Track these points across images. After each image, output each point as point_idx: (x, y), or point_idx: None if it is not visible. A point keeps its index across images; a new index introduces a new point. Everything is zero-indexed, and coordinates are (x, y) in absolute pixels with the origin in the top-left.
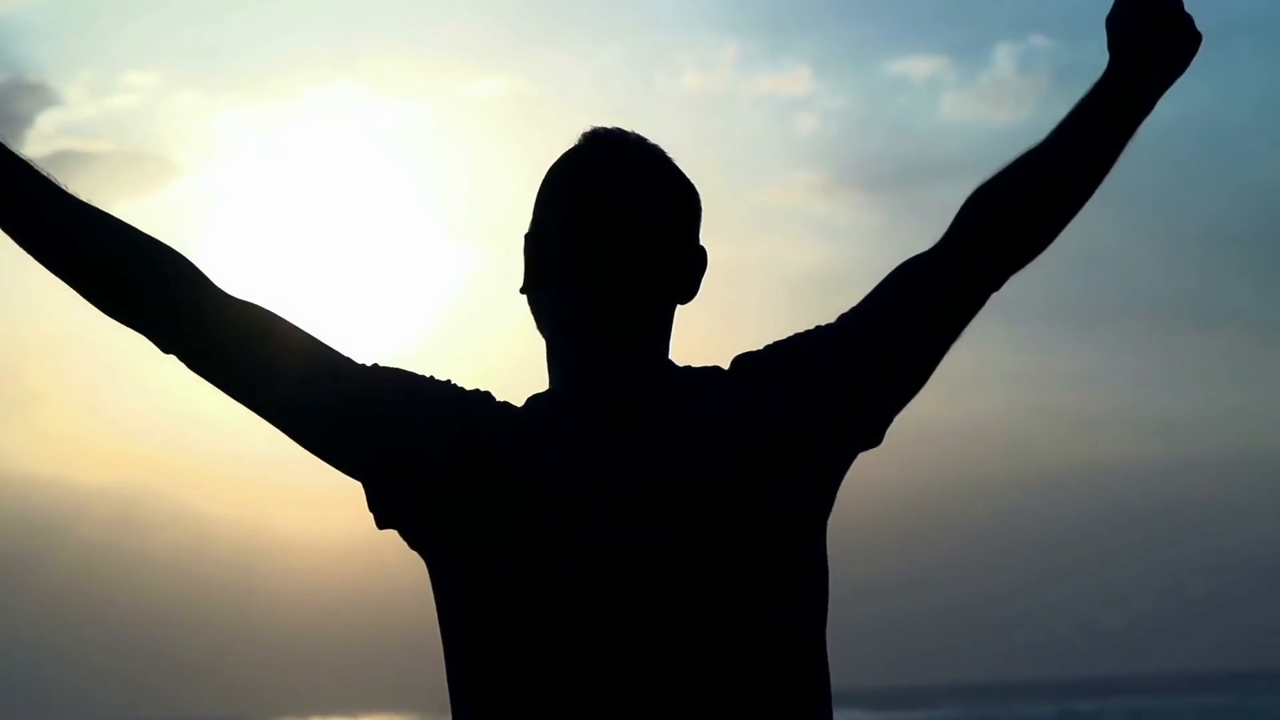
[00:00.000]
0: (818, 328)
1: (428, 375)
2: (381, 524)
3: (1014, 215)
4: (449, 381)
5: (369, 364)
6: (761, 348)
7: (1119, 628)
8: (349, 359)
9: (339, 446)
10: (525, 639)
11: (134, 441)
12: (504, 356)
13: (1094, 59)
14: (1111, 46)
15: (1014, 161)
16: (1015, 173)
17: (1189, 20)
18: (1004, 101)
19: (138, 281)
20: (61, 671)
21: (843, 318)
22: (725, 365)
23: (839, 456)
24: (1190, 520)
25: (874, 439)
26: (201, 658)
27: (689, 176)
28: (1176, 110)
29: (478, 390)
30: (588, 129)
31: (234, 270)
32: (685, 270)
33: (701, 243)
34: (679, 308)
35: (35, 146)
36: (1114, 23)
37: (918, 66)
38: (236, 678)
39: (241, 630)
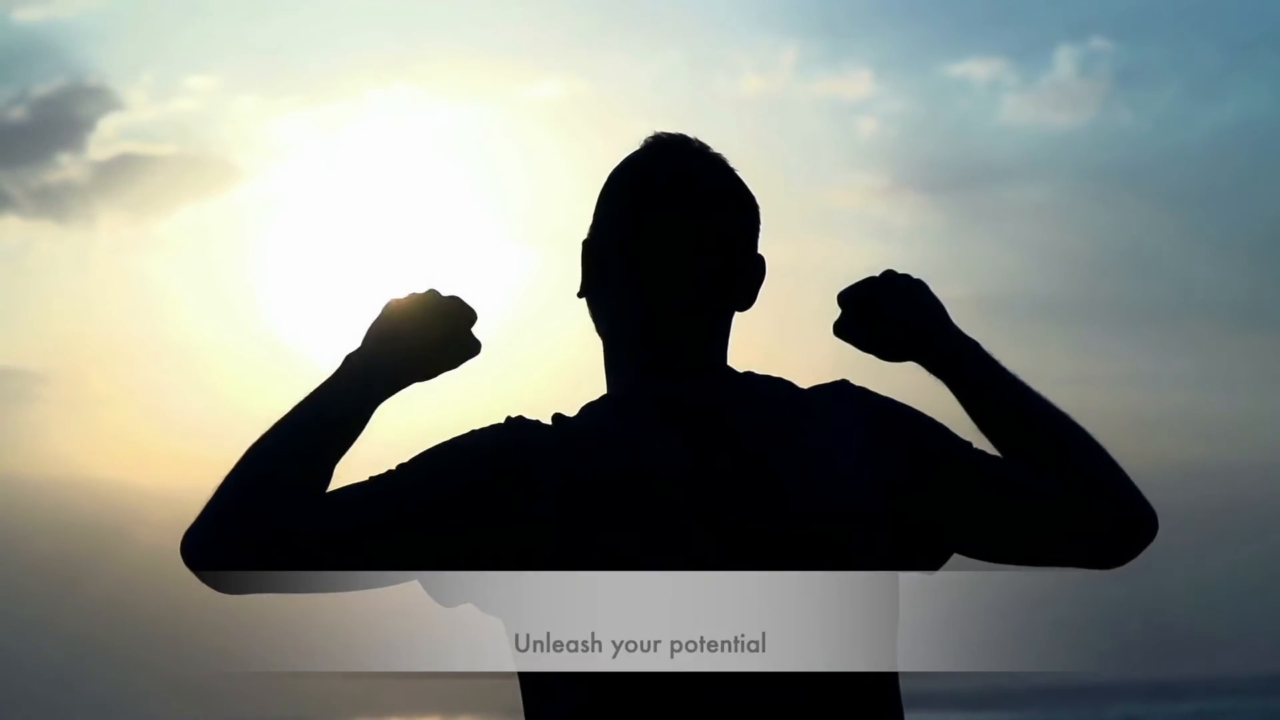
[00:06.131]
0: (945, 429)
1: (448, 441)
2: (451, 603)
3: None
4: (473, 431)
5: (393, 469)
6: (880, 394)
7: (1169, 631)
8: (375, 481)
9: (403, 562)
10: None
11: (195, 444)
12: (564, 358)
13: (1154, 61)
14: (880, 348)
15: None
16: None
17: (902, 278)
18: (1064, 104)
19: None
20: (123, 674)
21: (972, 449)
22: (786, 365)
23: (879, 527)
24: (1244, 523)
25: (925, 560)
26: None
27: (749, 180)
28: (1232, 114)
29: (509, 419)
30: (650, 134)
31: (294, 272)
32: (742, 278)
33: (760, 251)
34: (738, 314)
35: (97, 150)
36: (857, 325)
37: (977, 69)
38: (298, 679)
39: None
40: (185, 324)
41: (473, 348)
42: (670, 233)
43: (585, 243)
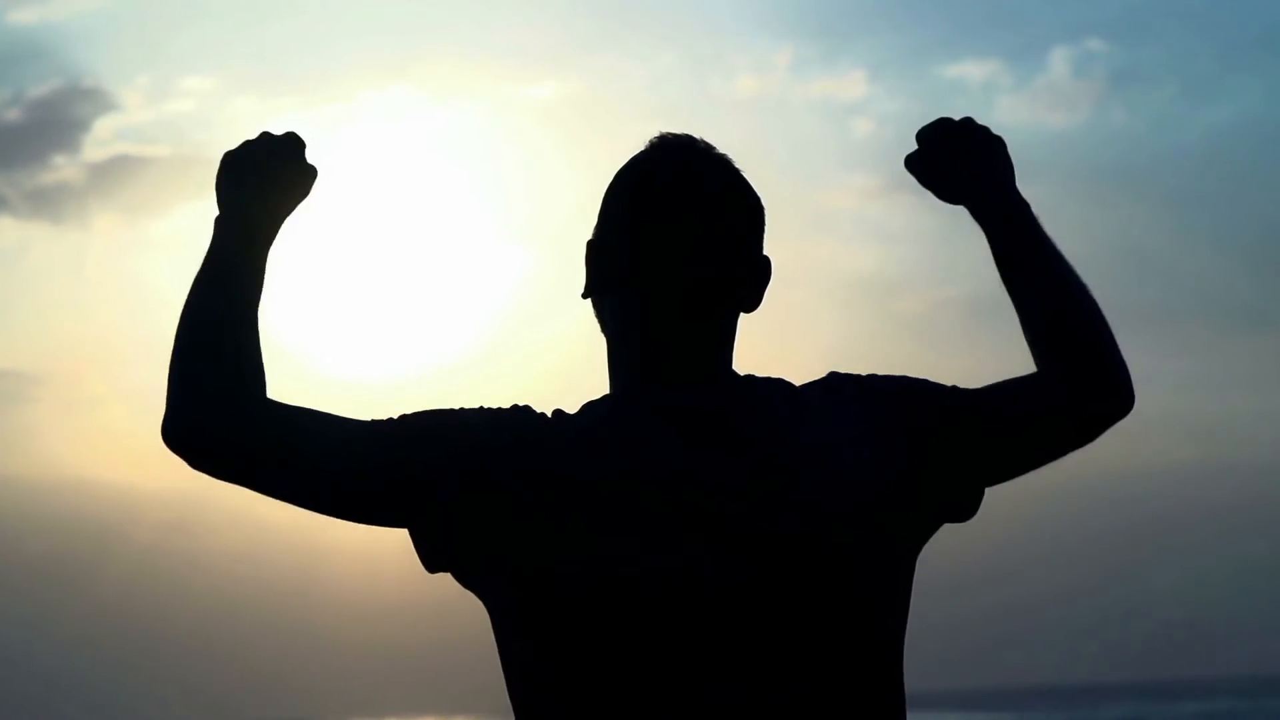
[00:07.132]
0: (930, 381)
1: (457, 407)
2: (433, 568)
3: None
4: (482, 407)
5: (395, 416)
6: (864, 374)
7: (1164, 633)
8: (375, 420)
9: (389, 507)
10: (597, 655)
11: None
12: (560, 360)
13: (1149, 62)
14: (942, 187)
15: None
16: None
17: (982, 130)
18: (1059, 105)
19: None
20: (119, 675)
21: (959, 390)
22: (781, 366)
23: (905, 503)
24: (1244, 523)
25: (958, 510)
26: (259, 661)
27: (751, 183)
28: (1227, 114)
29: (516, 406)
30: (656, 135)
31: (291, 273)
32: (748, 280)
33: (765, 253)
34: (742, 315)
35: (92, 151)
36: (928, 162)
37: (973, 70)
38: (294, 681)
39: (299, 633)
40: None
41: (311, 173)
42: (675, 234)
43: (590, 243)
